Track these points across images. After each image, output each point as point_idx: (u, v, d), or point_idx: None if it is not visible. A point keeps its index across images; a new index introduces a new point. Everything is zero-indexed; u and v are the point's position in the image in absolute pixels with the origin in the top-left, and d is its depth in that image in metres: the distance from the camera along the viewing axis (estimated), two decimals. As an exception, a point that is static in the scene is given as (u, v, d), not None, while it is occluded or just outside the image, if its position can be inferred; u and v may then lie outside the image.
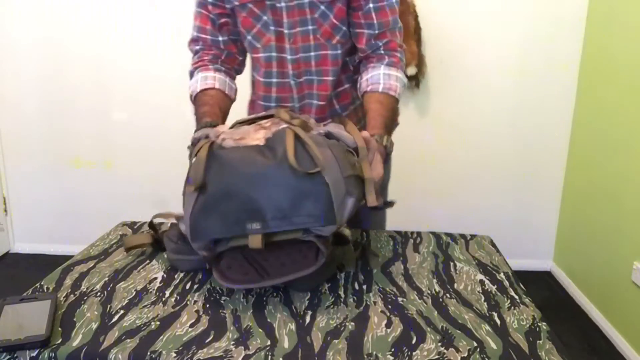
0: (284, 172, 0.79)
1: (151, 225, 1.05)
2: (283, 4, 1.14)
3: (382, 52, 1.20)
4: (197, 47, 1.24)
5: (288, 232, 0.80)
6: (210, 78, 1.21)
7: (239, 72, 1.30)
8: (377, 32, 1.18)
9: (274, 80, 1.23)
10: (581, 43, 2.45)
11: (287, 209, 0.78)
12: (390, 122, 1.16)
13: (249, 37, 1.20)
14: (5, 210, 2.85)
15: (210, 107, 1.15)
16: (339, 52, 1.20)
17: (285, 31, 1.17)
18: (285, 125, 0.86)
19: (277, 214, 0.78)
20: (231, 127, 0.95)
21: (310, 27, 1.17)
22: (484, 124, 2.57)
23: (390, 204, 1.00)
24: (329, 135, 0.90)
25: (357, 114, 1.29)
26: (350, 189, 0.83)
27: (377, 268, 0.96)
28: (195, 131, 1.03)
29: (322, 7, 1.15)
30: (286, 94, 1.24)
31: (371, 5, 1.16)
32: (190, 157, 0.93)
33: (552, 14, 2.42)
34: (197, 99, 1.19)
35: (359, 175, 0.87)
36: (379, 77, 1.18)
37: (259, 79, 1.25)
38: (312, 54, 1.19)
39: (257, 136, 0.86)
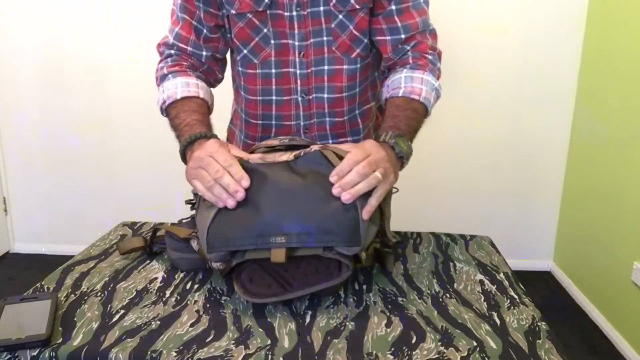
0: (315, 192, 0.78)
1: (153, 232, 1.03)
2: (294, 14, 1.02)
3: (409, 55, 1.05)
4: (172, 52, 1.08)
5: (310, 248, 0.79)
6: (194, 85, 1.02)
7: (213, 87, 1.14)
8: (403, 36, 1.04)
9: (274, 97, 1.10)
10: (581, 43, 2.45)
11: (314, 227, 0.76)
12: (406, 122, 0.96)
13: (245, 52, 1.07)
14: (5, 210, 2.85)
15: (201, 117, 0.97)
16: (358, 66, 1.07)
17: (296, 43, 1.04)
18: (316, 147, 0.85)
19: (302, 231, 0.77)
20: (250, 152, 0.91)
21: (325, 39, 1.04)
22: (483, 124, 2.57)
23: (398, 242, 1.02)
24: None
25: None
26: (374, 217, 0.83)
27: (394, 269, 0.96)
28: (187, 143, 0.91)
29: (340, 17, 1.02)
30: (289, 112, 1.12)
31: (393, 7, 1.02)
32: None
33: (552, 14, 2.42)
34: (177, 104, 1.00)
35: (381, 207, 0.85)
36: (400, 80, 1.03)
37: (256, 97, 1.12)
38: (325, 68, 1.07)
39: (284, 156, 0.85)
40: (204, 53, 1.08)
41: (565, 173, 2.62)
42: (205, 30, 1.06)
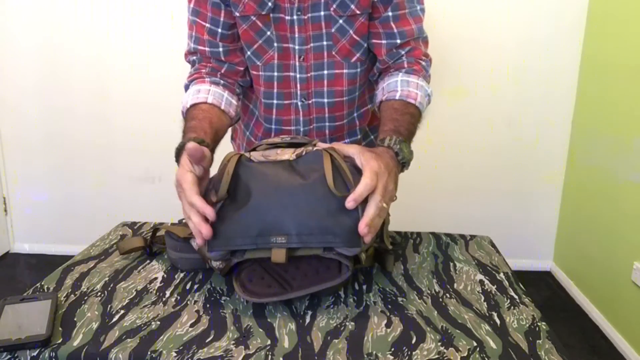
0: (315, 192, 0.78)
1: (153, 232, 1.03)
2: (295, 17, 1.02)
3: (404, 59, 1.07)
4: (194, 58, 1.11)
5: (310, 249, 0.78)
6: (204, 91, 1.05)
7: (247, 83, 1.14)
8: (399, 41, 1.05)
9: (275, 101, 1.12)
10: (581, 43, 2.45)
11: (314, 227, 0.76)
12: (406, 127, 0.97)
13: (249, 53, 1.08)
14: (5, 210, 2.85)
15: (198, 122, 0.98)
16: (358, 70, 1.09)
17: (296, 47, 1.05)
18: (319, 148, 0.85)
19: (303, 231, 0.76)
20: (252, 150, 0.90)
21: (325, 43, 1.05)
22: (483, 124, 2.57)
23: (394, 244, 1.03)
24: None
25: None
26: None
27: (394, 269, 0.96)
28: (177, 148, 0.91)
29: (341, 21, 1.03)
30: (289, 117, 1.13)
31: (390, 13, 1.03)
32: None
33: (552, 15, 2.42)
34: (186, 114, 1.04)
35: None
36: (396, 84, 1.04)
37: (259, 99, 1.13)
38: (325, 72, 1.08)
39: (286, 153, 0.85)
40: (221, 49, 1.08)
41: (565, 173, 2.62)
42: (220, 29, 1.07)
